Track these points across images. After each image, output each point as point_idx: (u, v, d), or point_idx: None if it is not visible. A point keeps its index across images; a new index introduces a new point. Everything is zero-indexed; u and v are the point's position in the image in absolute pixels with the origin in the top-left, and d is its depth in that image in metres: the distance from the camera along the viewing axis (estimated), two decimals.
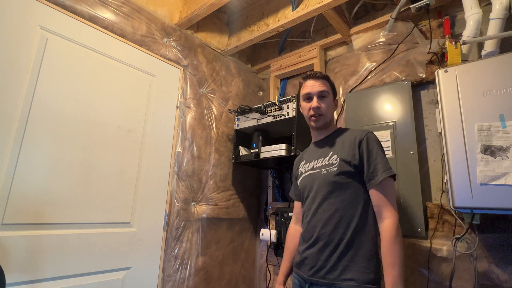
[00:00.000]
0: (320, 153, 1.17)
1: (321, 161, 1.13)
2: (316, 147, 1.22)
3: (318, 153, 1.18)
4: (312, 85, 1.16)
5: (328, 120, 1.18)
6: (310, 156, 1.22)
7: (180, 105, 1.83)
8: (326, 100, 1.16)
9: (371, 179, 1.03)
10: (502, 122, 1.08)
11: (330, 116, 1.18)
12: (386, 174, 1.01)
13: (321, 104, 1.14)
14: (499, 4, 1.25)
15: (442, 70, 1.26)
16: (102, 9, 1.52)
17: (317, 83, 1.16)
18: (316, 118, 1.16)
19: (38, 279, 1.18)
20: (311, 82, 1.17)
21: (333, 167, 1.07)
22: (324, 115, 1.15)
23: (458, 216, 1.34)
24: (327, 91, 1.16)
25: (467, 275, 1.29)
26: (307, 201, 1.15)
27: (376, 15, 1.83)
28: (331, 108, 1.18)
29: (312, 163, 1.17)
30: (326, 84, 1.17)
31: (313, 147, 1.24)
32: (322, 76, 1.18)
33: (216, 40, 2.15)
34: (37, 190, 1.21)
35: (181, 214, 1.71)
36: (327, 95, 1.16)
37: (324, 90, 1.15)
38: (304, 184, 1.18)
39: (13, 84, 1.19)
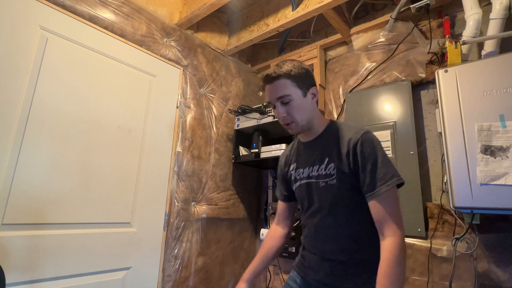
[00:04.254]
0: (313, 157, 1.00)
1: (317, 169, 0.97)
2: (307, 149, 1.03)
3: (311, 157, 1.01)
4: (270, 91, 0.95)
5: (305, 123, 0.96)
6: (301, 159, 1.05)
7: (180, 105, 1.83)
8: (292, 103, 0.93)
9: (369, 191, 0.86)
10: (502, 122, 1.08)
11: (306, 118, 0.96)
12: (387, 186, 0.84)
13: (287, 111, 0.93)
14: (499, 4, 1.25)
15: (442, 70, 1.26)
16: (102, 9, 1.52)
17: (273, 87, 0.94)
18: (288, 127, 0.97)
19: (38, 279, 1.18)
20: (267, 87, 0.96)
21: (331, 179, 0.93)
22: (296, 121, 0.94)
23: (458, 216, 1.34)
24: (288, 93, 0.92)
25: (467, 275, 1.29)
26: (307, 213, 1.02)
27: (376, 15, 1.83)
28: (302, 110, 0.94)
29: (307, 170, 1.01)
30: (285, 85, 0.93)
31: (303, 148, 1.05)
32: (277, 76, 0.93)
33: (216, 40, 2.15)
34: (37, 190, 1.21)
35: (181, 214, 1.71)
36: (289, 98, 0.92)
37: (284, 94, 0.92)
38: (301, 194, 1.04)
39: (13, 84, 1.19)
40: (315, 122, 0.99)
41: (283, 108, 0.94)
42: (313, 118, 0.98)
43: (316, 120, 0.99)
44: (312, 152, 1.01)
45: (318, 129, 1.00)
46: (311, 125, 0.98)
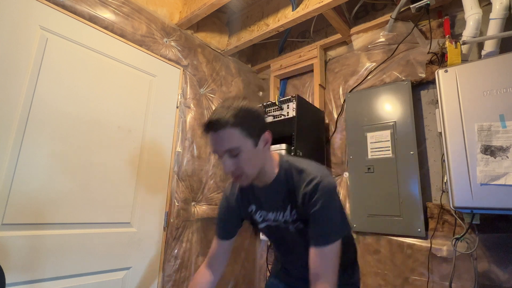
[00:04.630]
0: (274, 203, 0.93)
1: (282, 215, 0.92)
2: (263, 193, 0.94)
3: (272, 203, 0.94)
4: (214, 141, 0.82)
5: (256, 174, 0.86)
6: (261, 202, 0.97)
7: (180, 105, 1.83)
8: (242, 155, 0.81)
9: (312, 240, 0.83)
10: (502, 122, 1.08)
11: (257, 169, 0.86)
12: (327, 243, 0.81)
13: (236, 164, 0.82)
14: (499, 4, 1.25)
15: (442, 70, 1.26)
16: (102, 9, 1.52)
17: (218, 138, 0.80)
18: (236, 179, 0.85)
19: (38, 279, 1.18)
20: (211, 136, 0.82)
21: (299, 224, 0.89)
22: (246, 174, 0.83)
23: (458, 216, 1.34)
24: (236, 146, 0.79)
25: (467, 275, 1.29)
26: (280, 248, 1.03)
27: (376, 15, 1.83)
28: (253, 162, 0.83)
29: (271, 214, 0.95)
30: (232, 136, 0.79)
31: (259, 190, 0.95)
32: (223, 124, 0.78)
33: (216, 40, 2.15)
34: (37, 190, 1.21)
35: (181, 214, 1.71)
36: (238, 150, 0.80)
37: (230, 147, 0.79)
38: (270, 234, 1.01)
39: (13, 84, 1.19)
40: (266, 169, 0.89)
41: (230, 160, 0.81)
42: (265, 166, 0.88)
43: (268, 167, 0.89)
44: (270, 197, 0.94)
45: (271, 174, 0.90)
46: (263, 173, 0.89)
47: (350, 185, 1.71)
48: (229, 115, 0.79)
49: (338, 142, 1.88)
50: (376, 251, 1.58)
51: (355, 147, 1.72)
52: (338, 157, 1.86)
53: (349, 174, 1.73)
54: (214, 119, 0.79)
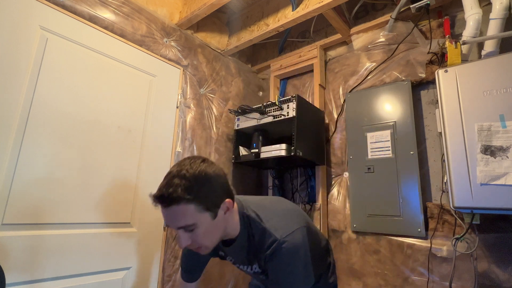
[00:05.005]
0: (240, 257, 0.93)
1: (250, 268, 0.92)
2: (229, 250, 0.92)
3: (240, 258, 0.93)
4: (167, 217, 0.75)
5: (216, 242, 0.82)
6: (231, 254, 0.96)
7: (180, 105, 1.83)
8: (198, 231, 0.75)
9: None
10: (502, 122, 1.08)
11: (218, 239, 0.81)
12: None
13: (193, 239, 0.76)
14: (499, 4, 1.25)
15: (442, 70, 1.26)
16: (102, 9, 1.52)
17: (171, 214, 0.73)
18: (197, 250, 0.81)
19: (38, 279, 1.18)
20: (163, 211, 0.75)
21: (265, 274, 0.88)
22: (205, 245, 0.78)
23: (458, 216, 1.34)
24: (192, 222, 0.73)
25: (467, 275, 1.29)
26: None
27: (376, 15, 1.83)
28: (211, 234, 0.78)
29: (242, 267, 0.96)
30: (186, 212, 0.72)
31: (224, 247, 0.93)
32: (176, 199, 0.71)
33: (216, 40, 2.15)
34: (37, 190, 1.21)
35: None
36: (194, 226, 0.74)
37: (186, 224, 0.73)
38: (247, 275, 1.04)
39: (13, 84, 1.19)
40: (228, 231, 0.84)
41: (186, 235, 0.75)
42: (226, 230, 0.83)
43: (229, 230, 0.84)
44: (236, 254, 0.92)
45: (233, 233, 0.86)
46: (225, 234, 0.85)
47: (350, 185, 1.71)
48: (182, 188, 0.70)
49: (338, 142, 1.88)
50: (376, 251, 1.58)
51: (355, 147, 1.72)
52: (338, 157, 1.86)
53: (349, 174, 1.73)
54: (165, 194, 0.71)
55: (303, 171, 1.99)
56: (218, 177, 0.78)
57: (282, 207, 0.92)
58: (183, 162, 0.77)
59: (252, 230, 0.84)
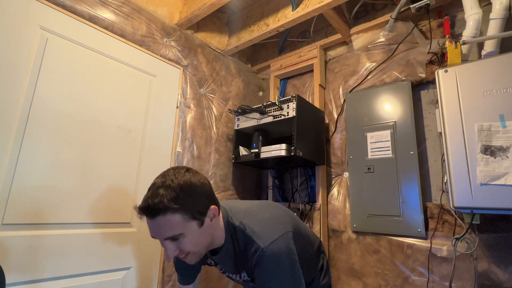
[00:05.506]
0: (228, 266, 0.93)
1: (239, 276, 0.92)
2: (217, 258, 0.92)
3: (226, 266, 0.93)
4: (152, 228, 0.74)
5: (205, 250, 0.82)
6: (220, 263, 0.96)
7: (180, 105, 1.83)
8: (185, 240, 0.74)
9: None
10: (502, 122, 1.08)
11: (205, 247, 0.81)
12: None
13: (179, 248, 0.76)
14: (499, 4, 1.25)
15: (442, 70, 1.26)
16: (102, 9, 1.52)
17: (157, 225, 0.72)
18: (183, 259, 0.80)
19: (38, 279, 1.18)
20: (149, 223, 0.74)
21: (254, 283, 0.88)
22: (192, 253, 0.78)
23: (458, 216, 1.34)
24: (179, 232, 0.73)
25: (467, 275, 1.29)
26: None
27: (376, 15, 1.83)
28: (198, 241, 0.78)
29: (230, 274, 0.96)
30: (173, 222, 0.71)
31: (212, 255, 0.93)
32: (162, 209, 0.70)
33: (216, 40, 2.15)
34: (37, 190, 1.21)
35: None
36: (182, 236, 0.73)
37: (173, 234, 0.73)
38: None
39: (13, 84, 1.19)
40: (215, 240, 0.84)
41: (172, 245, 0.74)
42: (213, 238, 0.83)
43: (216, 238, 0.84)
44: (224, 262, 0.92)
45: (219, 241, 0.85)
46: (212, 243, 0.84)
47: (350, 185, 1.71)
48: (168, 198, 0.69)
49: (338, 142, 1.88)
50: (376, 251, 1.58)
51: (355, 147, 1.72)
52: (338, 157, 1.86)
53: (349, 174, 1.73)
54: (151, 204, 0.69)
55: (303, 171, 1.99)
56: (203, 185, 0.78)
57: (268, 213, 0.90)
58: (167, 172, 0.76)
59: (237, 238, 0.84)
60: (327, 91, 2.03)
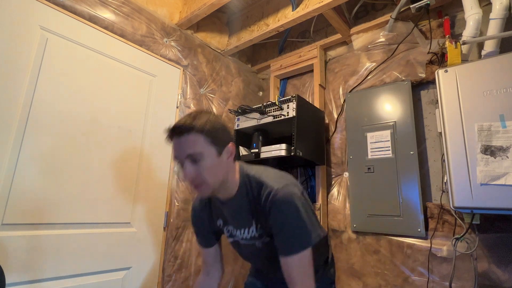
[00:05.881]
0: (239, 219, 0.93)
1: (248, 231, 0.91)
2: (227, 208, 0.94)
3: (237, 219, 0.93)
4: (177, 146, 0.81)
5: (218, 185, 0.84)
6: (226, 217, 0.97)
7: (180, 105, 1.83)
8: (203, 163, 0.79)
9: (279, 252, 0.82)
10: (502, 122, 1.08)
11: (219, 180, 0.83)
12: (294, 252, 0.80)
13: (197, 172, 0.80)
14: (499, 4, 1.25)
15: (442, 70, 1.26)
16: (102, 9, 1.52)
17: (182, 142, 0.80)
18: (197, 189, 0.83)
19: (38, 279, 1.18)
20: (175, 141, 0.81)
21: (265, 238, 0.89)
22: (207, 183, 0.81)
23: (458, 216, 1.34)
24: (200, 151, 0.79)
25: (467, 275, 1.29)
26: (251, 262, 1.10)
27: (376, 15, 1.83)
28: (215, 171, 0.82)
29: (238, 232, 0.95)
30: (197, 141, 0.79)
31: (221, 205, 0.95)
32: (188, 129, 0.79)
33: (216, 40, 2.15)
34: (37, 190, 1.21)
35: (181, 214, 1.71)
36: (201, 157, 0.79)
37: (194, 152, 0.79)
38: (241, 252, 1.01)
39: (13, 84, 1.19)
40: (229, 183, 0.87)
41: (192, 167, 0.79)
42: (227, 178, 0.86)
43: (231, 178, 0.87)
44: (234, 212, 0.93)
45: (233, 187, 0.88)
46: (226, 184, 0.87)
47: (350, 185, 1.71)
48: (194, 122, 0.79)
49: (338, 142, 1.88)
50: (376, 251, 1.58)
51: (355, 147, 1.72)
52: (338, 157, 1.86)
53: (349, 174, 1.73)
54: (178, 124, 0.80)
55: (303, 171, 1.99)
56: (225, 126, 0.88)
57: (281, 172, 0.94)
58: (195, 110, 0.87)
59: (251, 185, 0.87)
60: (327, 91, 2.03)
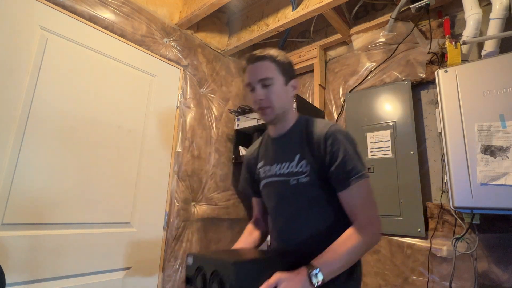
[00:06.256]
0: (284, 154, 0.94)
1: (287, 166, 0.91)
2: (276, 144, 0.98)
3: (280, 154, 0.95)
4: (252, 72, 0.91)
5: (281, 112, 0.91)
6: (269, 156, 0.99)
7: (180, 105, 1.83)
8: (272, 87, 0.89)
9: (339, 184, 0.82)
10: (502, 122, 1.08)
11: (283, 106, 0.92)
12: (358, 178, 0.80)
13: (266, 95, 0.89)
14: (499, 4, 1.25)
15: (442, 70, 1.26)
16: (102, 9, 1.52)
17: (257, 68, 0.90)
18: (263, 112, 0.91)
19: (38, 279, 1.18)
20: (250, 68, 0.91)
21: (303, 176, 0.87)
22: (272, 107, 0.89)
23: (458, 216, 1.34)
24: (271, 76, 0.89)
25: (467, 275, 1.29)
26: (271, 214, 0.98)
27: (376, 15, 1.83)
28: (281, 96, 0.91)
29: (275, 167, 0.94)
30: (269, 67, 0.90)
31: (271, 143, 0.99)
32: (262, 57, 0.90)
33: (216, 40, 2.15)
34: (37, 190, 1.21)
35: (181, 214, 1.71)
36: (271, 81, 0.89)
37: (267, 77, 0.88)
38: (267, 193, 0.98)
39: (13, 84, 1.19)
40: (289, 114, 0.95)
41: (262, 90, 0.89)
42: (288, 110, 0.95)
43: (290, 113, 0.96)
44: (281, 148, 0.96)
45: (289, 123, 0.96)
46: (285, 116, 0.94)
47: None
48: (268, 52, 0.92)
49: None
50: (376, 251, 1.58)
51: None
52: None
53: None
54: (254, 53, 0.92)
55: None
56: (292, 62, 0.98)
57: None
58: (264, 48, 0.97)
59: (307, 121, 0.95)
60: (327, 91, 2.03)
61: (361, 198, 0.82)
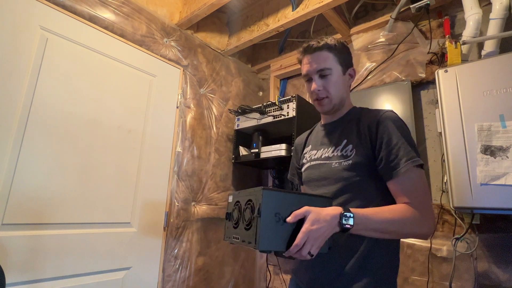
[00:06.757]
0: (331, 139, 0.94)
1: (333, 150, 0.90)
2: (326, 131, 0.98)
3: (329, 139, 0.94)
4: (309, 62, 0.90)
5: (337, 102, 0.91)
6: (317, 141, 0.99)
7: (180, 105, 1.83)
8: (330, 78, 0.89)
9: (389, 171, 0.77)
10: (502, 122, 1.08)
11: (340, 97, 0.91)
12: (413, 163, 0.75)
13: (324, 85, 0.89)
14: (499, 4, 1.25)
15: (442, 70, 1.26)
16: (102, 9, 1.52)
17: (315, 58, 0.90)
18: (320, 102, 0.91)
19: (38, 279, 1.18)
20: (307, 59, 0.91)
21: (347, 160, 0.84)
22: (330, 97, 0.90)
23: (458, 216, 1.34)
24: (329, 67, 0.88)
25: (467, 275, 1.29)
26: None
27: (376, 15, 1.83)
28: (338, 86, 0.90)
29: (321, 151, 0.94)
30: (327, 57, 0.89)
31: (322, 131, 1.00)
32: (320, 47, 0.89)
33: (216, 40, 2.15)
34: (37, 190, 1.21)
35: (181, 214, 1.71)
36: (329, 72, 0.88)
37: (325, 67, 0.88)
38: (308, 176, 0.96)
39: (13, 84, 1.19)
40: (345, 103, 0.96)
41: (320, 81, 0.89)
42: (345, 99, 0.95)
43: (344, 102, 0.95)
44: (330, 134, 0.96)
45: (343, 110, 0.96)
46: (340, 106, 0.94)
47: None
48: (325, 41, 0.91)
49: None
50: None
51: None
52: None
53: None
54: (312, 43, 0.91)
55: None
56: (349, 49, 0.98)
57: None
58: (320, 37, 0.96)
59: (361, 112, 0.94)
60: None
61: (414, 185, 0.76)
